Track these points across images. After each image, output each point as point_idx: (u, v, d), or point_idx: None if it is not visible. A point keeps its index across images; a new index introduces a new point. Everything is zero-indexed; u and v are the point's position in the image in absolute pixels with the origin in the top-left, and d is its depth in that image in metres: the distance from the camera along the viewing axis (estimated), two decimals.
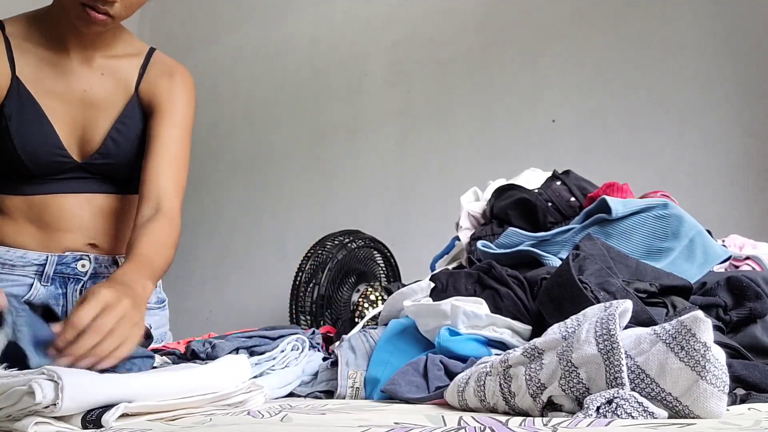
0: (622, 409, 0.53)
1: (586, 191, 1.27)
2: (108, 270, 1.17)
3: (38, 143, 1.07)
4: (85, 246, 1.15)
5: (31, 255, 1.12)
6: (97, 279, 1.16)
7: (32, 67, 1.08)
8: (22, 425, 0.56)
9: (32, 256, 1.12)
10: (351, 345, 1.02)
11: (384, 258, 2.60)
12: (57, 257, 1.13)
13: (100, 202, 1.16)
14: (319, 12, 3.50)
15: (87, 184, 1.15)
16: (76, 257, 1.15)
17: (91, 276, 1.16)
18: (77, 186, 1.13)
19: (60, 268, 1.14)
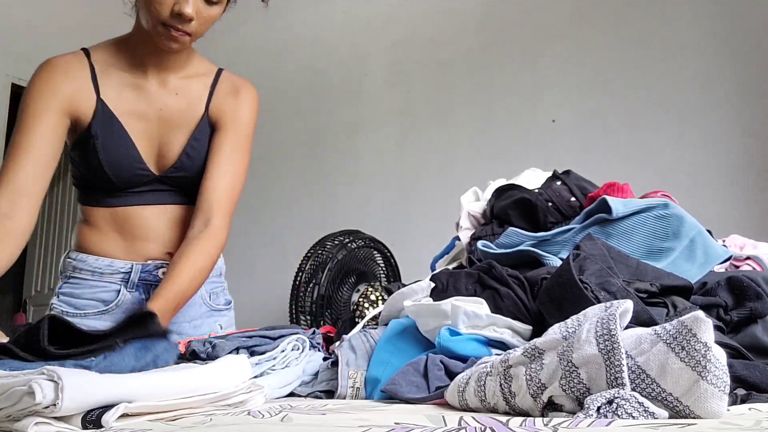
0: (622, 410, 0.53)
1: (587, 191, 1.27)
2: None
3: (121, 158, 1.18)
4: (164, 255, 1.25)
5: (117, 264, 1.24)
6: None
7: (115, 90, 1.20)
8: (22, 425, 0.56)
9: (119, 265, 1.24)
10: (351, 345, 1.02)
11: (384, 258, 2.60)
12: (141, 266, 1.24)
13: (175, 212, 1.26)
14: (319, 12, 3.50)
15: (163, 196, 1.25)
16: (157, 265, 1.25)
17: None
18: (154, 198, 1.24)
19: (143, 276, 1.24)
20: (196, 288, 1.15)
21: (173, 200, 1.26)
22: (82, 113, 1.18)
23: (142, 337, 0.74)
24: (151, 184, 1.24)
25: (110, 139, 1.18)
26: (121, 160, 1.19)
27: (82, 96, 1.18)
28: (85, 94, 1.18)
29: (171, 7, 1.10)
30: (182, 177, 1.24)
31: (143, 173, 1.22)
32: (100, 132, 1.18)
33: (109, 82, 1.20)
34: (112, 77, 1.21)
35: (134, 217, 1.23)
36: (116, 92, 1.20)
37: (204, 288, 1.30)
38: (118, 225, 1.23)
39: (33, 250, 4.91)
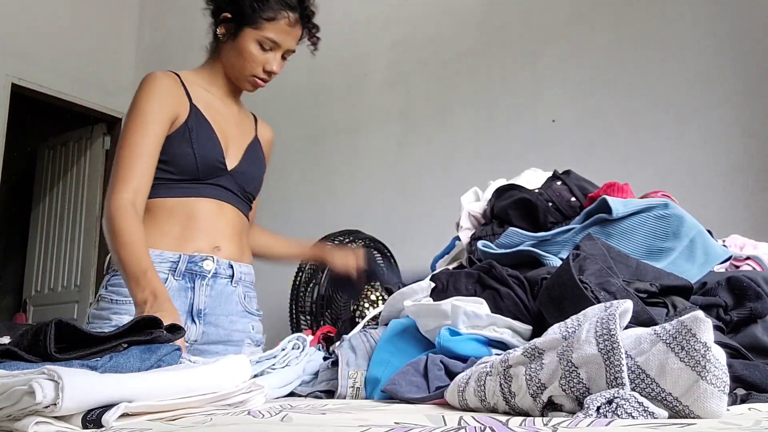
0: (622, 409, 0.53)
1: (587, 191, 1.27)
2: (225, 272, 1.42)
3: (209, 149, 1.41)
4: (211, 249, 1.40)
5: (167, 254, 1.36)
6: (217, 278, 1.40)
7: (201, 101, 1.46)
8: (23, 425, 0.56)
9: (168, 255, 1.36)
10: (351, 345, 1.02)
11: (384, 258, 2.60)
12: (188, 257, 1.37)
13: (228, 212, 1.45)
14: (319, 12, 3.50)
15: (224, 193, 1.44)
16: (203, 257, 1.38)
17: (213, 275, 1.39)
18: (217, 193, 1.43)
19: (190, 266, 1.37)
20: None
21: (229, 200, 1.45)
22: (180, 115, 1.40)
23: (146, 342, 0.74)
24: (222, 179, 1.43)
25: (202, 133, 1.40)
26: (208, 150, 1.40)
27: (181, 103, 1.41)
28: (182, 101, 1.41)
29: (263, 65, 1.43)
30: (244, 175, 1.47)
31: (220, 166, 1.42)
32: (195, 127, 1.40)
33: (197, 95, 1.45)
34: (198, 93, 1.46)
35: (198, 209, 1.40)
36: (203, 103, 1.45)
37: (241, 288, 1.45)
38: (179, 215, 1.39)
39: (33, 250, 4.91)
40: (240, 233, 1.49)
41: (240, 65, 1.44)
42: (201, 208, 1.41)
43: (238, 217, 1.47)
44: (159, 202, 1.38)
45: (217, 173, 1.42)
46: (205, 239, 1.40)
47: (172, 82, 1.42)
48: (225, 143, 1.45)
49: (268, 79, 1.47)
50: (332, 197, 3.31)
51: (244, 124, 1.56)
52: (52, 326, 0.67)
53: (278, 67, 1.46)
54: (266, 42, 1.41)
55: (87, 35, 4.31)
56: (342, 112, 3.36)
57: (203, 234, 1.40)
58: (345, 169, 3.30)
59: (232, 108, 1.54)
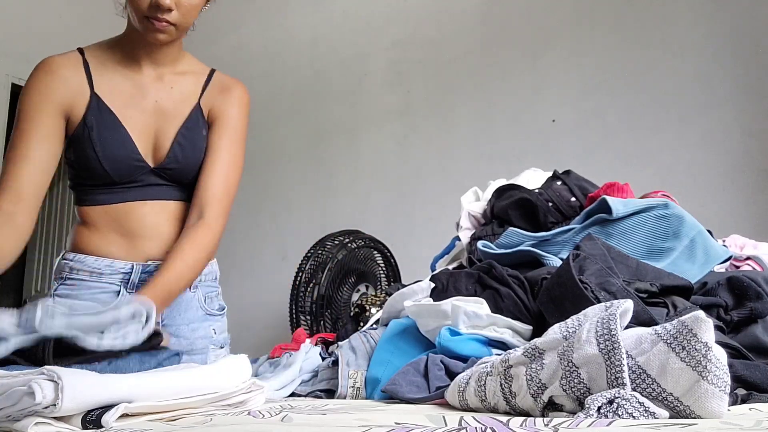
0: (623, 409, 0.53)
1: (587, 191, 1.27)
2: None
3: (117, 149, 1.19)
4: (164, 254, 1.22)
5: (117, 264, 1.22)
6: None
7: (109, 84, 1.23)
8: (22, 425, 0.56)
9: (119, 265, 1.22)
10: (351, 345, 1.02)
11: (384, 258, 2.60)
12: (141, 266, 1.22)
13: (174, 209, 1.26)
14: (319, 12, 3.50)
15: (161, 191, 1.25)
16: (157, 266, 1.21)
17: None
18: (152, 192, 1.24)
19: (144, 276, 1.22)
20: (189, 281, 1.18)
21: (172, 196, 1.26)
22: (76, 109, 1.20)
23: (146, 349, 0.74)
24: (149, 178, 1.23)
25: (105, 130, 1.19)
26: (116, 151, 1.19)
27: (76, 92, 1.20)
28: (80, 90, 1.20)
29: (149, 0, 1.13)
30: (176, 169, 1.24)
31: (139, 164, 1.22)
32: (95, 123, 1.19)
33: (103, 77, 1.23)
34: (106, 73, 1.24)
35: (133, 214, 1.23)
36: (111, 86, 1.23)
37: (200, 291, 1.30)
38: (117, 223, 1.23)
39: (33, 250, 4.91)
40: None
41: (132, 12, 1.17)
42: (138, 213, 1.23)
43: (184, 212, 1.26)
44: (89, 210, 1.24)
45: (138, 172, 1.22)
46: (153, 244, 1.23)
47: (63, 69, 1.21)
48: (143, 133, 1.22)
49: (163, 17, 1.15)
50: (332, 197, 3.31)
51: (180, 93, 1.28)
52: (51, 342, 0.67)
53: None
54: None
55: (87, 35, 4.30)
56: (342, 112, 3.36)
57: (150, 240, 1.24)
58: (345, 169, 3.30)
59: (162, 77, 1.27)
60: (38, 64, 1.23)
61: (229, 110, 1.30)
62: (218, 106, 1.29)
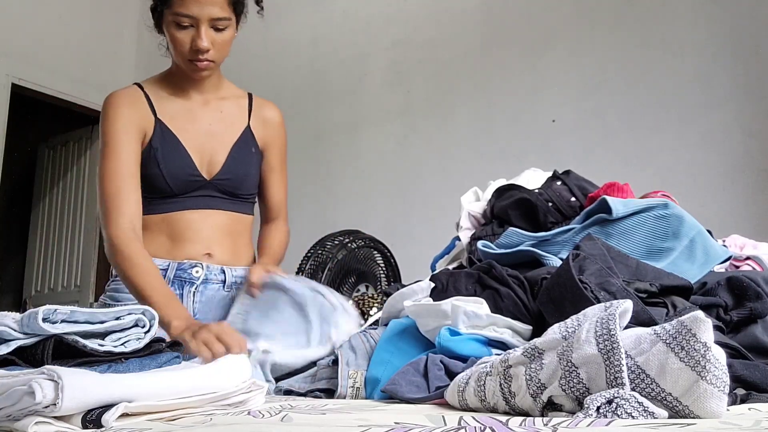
0: (622, 409, 0.53)
1: (587, 191, 1.27)
2: (217, 277, 1.40)
3: (177, 166, 1.37)
4: (201, 255, 1.39)
5: (157, 261, 1.34)
6: (208, 284, 1.39)
7: (168, 111, 1.41)
8: (22, 425, 0.56)
9: (158, 262, 1.34)
10: (351, 345, 1.02)
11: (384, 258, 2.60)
12: (177, 264, 1.37)
13: (218, 217, 1.42)
14: (319, 12, 3.50)
15: (210, 201, 1.41)
16: (192, 264, 1.37)
17: (203, 281, 1.38)
18: (203, 202, 1.40)
19: (179, 273, 1.36)
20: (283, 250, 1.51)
21: (219, 206, 1.42)
22: (146, 134, 1.37)
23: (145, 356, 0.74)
24: (203, 190, 1.39)
25: (168, 150, 1.37)
26: (177, 167, 1.36)
27: (144, 120, 1.38)
28: (147, 118, 1.38)
29: (189, 45, 1.31)
30: (228, 180, 1.41)
31: (196, 179, 1.38)
32: (160, 146, 1.36)
33: (162, 106, 1.40)
34: (164, 102, 1.41)
35: (183, 220, 1.38)
36: (170, 113, 1.40)
37: (235, 292, 1.41)
38: (169, 228, 1.38)
39: (33, 250, 4.91)
40: (233, 236, 1.44)
41: (175, 54, 1.35)
42: (186, 219, 1.38)
43: (230, 219, 1.44)
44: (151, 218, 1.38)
45: (195, 186, 1.39)
46: (195, 247, 1.38)
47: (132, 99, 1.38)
48: (200, 152, 1.40)
49: (204, 57, 1.33)
50: (332, 197, 3.31)
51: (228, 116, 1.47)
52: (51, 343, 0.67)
53: (207, 41, 1.31)
54: (179, 19, 1.30)
55: (87, 35, 4.31)
56: (342, 112, 3.36)
57: (191, 242, 1.38)
58: (345, 169, 3.30)
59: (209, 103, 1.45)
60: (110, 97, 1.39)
61: (277, 138, 1.57)
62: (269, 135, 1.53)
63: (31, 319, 0.65)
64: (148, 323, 0.74)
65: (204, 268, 1.38)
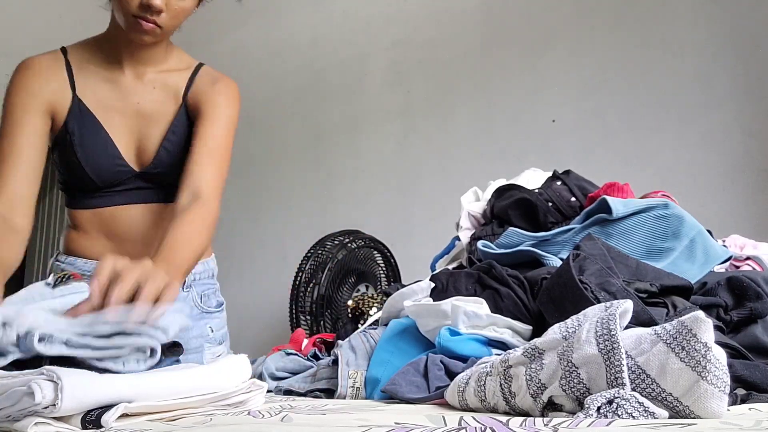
0: (622, 409, 0.53)
1: (587, 191, 1.27)
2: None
3: (99, 154, 1.17)
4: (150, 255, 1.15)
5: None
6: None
7: (91, 86, 1.20)
8: (22, 425, 0.56)
9: None
10: (351, 345, 1.02)
11: (384, 258, 2.60)
12: None
13: (159, 211, 1.23)
14: (319, 12, 3.50)
15: (145, 194, 1.22)
16: None
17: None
18: (137, 196, 1.22)
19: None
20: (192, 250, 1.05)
21: (156, 198, 1.23)
22: (59, 111, 1.17)
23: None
24: (133, 182, 1.21)
25: (87, 135, 1.17)
26: (99, 156, 1.17)
27: (59, 94, 1.18)
28: (62, 92, 1.18)
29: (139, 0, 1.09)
30: (162, 173, 1.21)
31: (123, 169, 1.19)
32: (77, 128, 1.17)
33: (85, 79, 1.20)
34: (88, 74, 1.21)
35: (118, 217, 1.22)
36: (92, 88, 1.20)
37: (195, 290, 1.29)
38: (104, 226, 1.22)
39: (33, 251, 4.91)
40: None
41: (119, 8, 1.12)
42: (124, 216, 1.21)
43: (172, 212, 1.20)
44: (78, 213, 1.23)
45: (123, 177, 1.20)
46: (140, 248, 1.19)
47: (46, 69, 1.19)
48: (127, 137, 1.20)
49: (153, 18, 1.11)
50: (332, 197, 3.31)
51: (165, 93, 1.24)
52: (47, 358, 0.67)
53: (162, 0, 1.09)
54: None
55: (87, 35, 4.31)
56: (342, 112, 3.36)
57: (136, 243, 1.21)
58: (345, 169, 3.30)
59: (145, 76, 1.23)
60: (21, 64, 1.21)
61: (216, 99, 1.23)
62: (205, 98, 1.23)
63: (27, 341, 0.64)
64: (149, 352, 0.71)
65: None
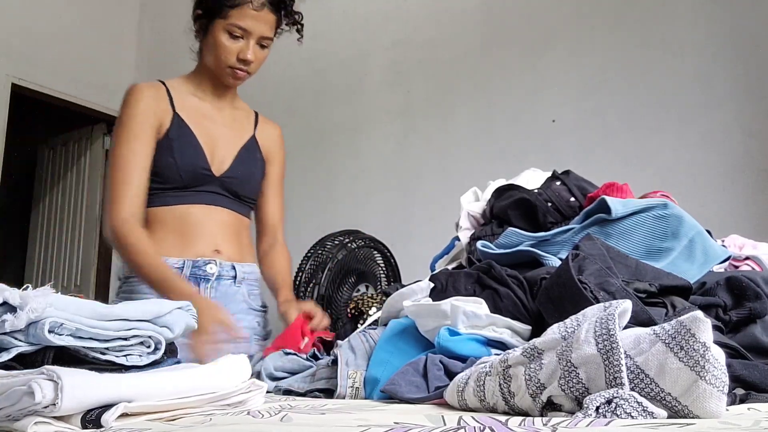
0: (621, 409, 0.53)
1: (586, 191, 1.27)
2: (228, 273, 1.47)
3: (191, 158, 1.44)
4: (212, 252, 1.46)
5: (171, 261, 1.41)
6: (221, 280, 1.45)
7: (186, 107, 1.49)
8: (22, 425, 0.56)
9: (172, 262, 1.41)
10: (351, 345, 1.02)
11: (384, 258, 2.60)
12: (192, 262, 1.43)
13: (222, 214, 1.49)
14: (319, 11, 3.50)
15: (215, 198, 1.48)
16: (206, 261, 1.44)
17: (217, 277, 1.45)
18: (208, 198, 1.47)
19: (194, 271, 1.43)
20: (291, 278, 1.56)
21: (222, 203, 1.49)
22: (163, 126, 1.45)
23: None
24: (210, 185, 1.47)
25: (183, 142, 1.44)
26: (190, 159, 1.44)
27: (163, 113, 1.46)
28: (166, 110, 1.46)
29: (236, 54, 1.43)
30: (235, 179, 1.49)
31: (206, 173, 1.45)
32: (176, 138, 1.44)
33: (181, 102, 1.49)
34: (184, 99, 1.50)
35: (188, 215, 1.44)
36: (187, 110, 1.49)
37: (244, 287, 1.50)
38: (175, 223, 1.44)
39: (33, 250, 4.91)
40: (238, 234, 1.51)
41: (216, 58, 1.45)
42: (193, 213, 1.45)
43: (233, 218, 1.50)
44: (152, 211, 1.44)
45: (204, 180, 1.46)
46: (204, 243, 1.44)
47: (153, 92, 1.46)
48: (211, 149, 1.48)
49: (246, 68, 1.46)
50: (332, 197, 3.31)
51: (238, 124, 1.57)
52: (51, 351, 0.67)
53: (253, 55, 1.44)
54: (234, 29, 1.41)
55: (87, 35, 4.31)
56: (342, 112, 3.36)
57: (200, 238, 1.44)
58: (345, 169, 3.30)
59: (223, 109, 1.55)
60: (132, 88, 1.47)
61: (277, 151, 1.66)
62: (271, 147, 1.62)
63: (37, 330, 0.65)
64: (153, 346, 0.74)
65: (217, 265, 1.44)
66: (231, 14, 1.40)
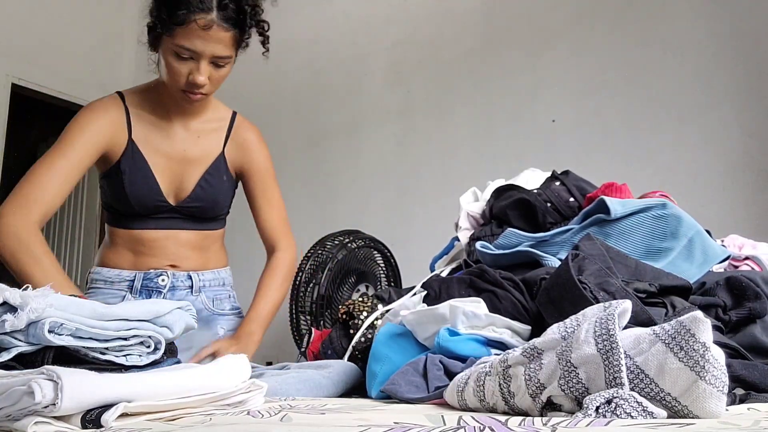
0: (621, 409, 0.53)
1: (585, 191, 1.27)
2: (184, 283, 1.43)
3: (144, 191, 1.37)
4: (165, 266, 1.42)
5: (124, 273, 1.41)
6: (176, 290, 1.42)
7: (144, 131, 1.39)
8: (22, 425, 0.56)
9: (125, 274, 1.41)
10: None
11: (384, 258, 2.60)
12: (143, 274, 1.41)
13: (183, 236, 1.44)
14: (319, 12, 3.50)
15: (175, 222, 1.43)
16: (158, 273, 1.41)
17: (170, 289, 1.42)
18: (167, 223, 1.42)
19: (145, 282, 1.40)
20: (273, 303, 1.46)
21: (183, 226, 1.44)
22: (114, 150, 1.37)
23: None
24: (168, 213, 1.41)
25: (136, 174, 1.37)
26: (143, 192, 1.37)
27: (116, 135, 1.37)
28: (119, 134, 1.37)
29: (186, 77, 1.28)
30: (196, 207, 1.42)
31: (162, 204, 1.40)
32: (128, 168, 1.36)
33: (140, 124, 1.39)
34: (143, 119, 1.40)
35: (147, 239, 1.41)
36: (145, 133, 1.39)
37: (204, 295, 1.46)
38: (133, 244, 1.42)
39: None
40: (201, 249, 1.46)
41: (168, 79, 1.31)
42: (152, 237, 1.41)
43: (196, 236, 1.45)
44: (117, 231, 1.43)
45: (160, 210, 1.40)
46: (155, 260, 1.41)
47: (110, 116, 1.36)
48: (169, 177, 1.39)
49: (199, 91, 1.30)
50: (332, 197, 3.31)
51: (205, 141, 1.44)
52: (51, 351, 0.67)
53: (205, 76, 1.27)
54: (181, 50, 1.24)
55: (87, 35, 4.31)
56: (342, 112, 3.36)
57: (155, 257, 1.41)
58: (345, 169, 3.30)
59: (189, 125, 1.43)
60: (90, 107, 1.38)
61: (254, 158, 1.49)
62: (244, 159, 1.48)
63: (37, 330, 0.65)
64: (153, 346, 0.75)
65: (170, 276, 1.41)
66: (177, 33, 1.23)
